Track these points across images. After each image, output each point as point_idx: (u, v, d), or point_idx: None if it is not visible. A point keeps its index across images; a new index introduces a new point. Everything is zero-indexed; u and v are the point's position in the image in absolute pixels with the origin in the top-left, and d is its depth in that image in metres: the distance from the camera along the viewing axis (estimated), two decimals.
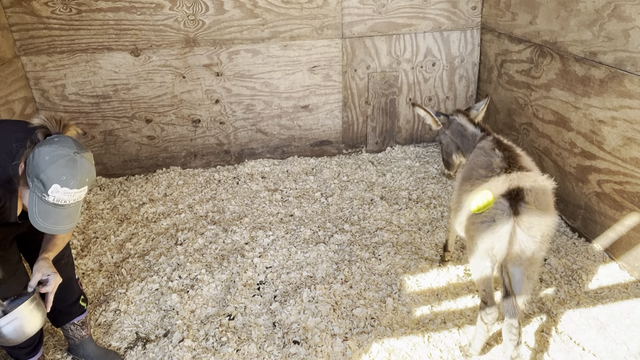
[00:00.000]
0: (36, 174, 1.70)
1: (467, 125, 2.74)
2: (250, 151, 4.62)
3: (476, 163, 2.35)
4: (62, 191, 1.72)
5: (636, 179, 2.81)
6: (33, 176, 1.71)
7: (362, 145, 4.79)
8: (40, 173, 1.69)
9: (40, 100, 4.08)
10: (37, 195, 1.72)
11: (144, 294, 2.96)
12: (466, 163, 2.57)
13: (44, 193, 1.71)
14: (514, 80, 4.01)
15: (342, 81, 4.46)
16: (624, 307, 2.69)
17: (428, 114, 2.89)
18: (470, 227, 2.15)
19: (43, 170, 1.69)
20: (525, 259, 2.01)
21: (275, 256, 3.24)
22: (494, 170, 2.17)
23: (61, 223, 1.77)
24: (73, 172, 1.73)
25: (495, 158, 2.24)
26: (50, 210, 1.74)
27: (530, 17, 3.68)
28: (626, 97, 2.81)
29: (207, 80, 4.25)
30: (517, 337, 2.08)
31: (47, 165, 1.69)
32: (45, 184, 1.70)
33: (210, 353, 2.52)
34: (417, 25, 4.35)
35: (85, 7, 3.83)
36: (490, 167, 2.21)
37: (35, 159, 1.71)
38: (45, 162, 1.70)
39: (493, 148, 2.33)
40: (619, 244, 3.02)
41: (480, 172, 2.23)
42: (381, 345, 2.52)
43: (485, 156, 2.32)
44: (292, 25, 4.18)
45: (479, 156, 2.38)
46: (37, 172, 1.70)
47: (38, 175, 1.70)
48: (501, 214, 1.98)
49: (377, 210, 3.74)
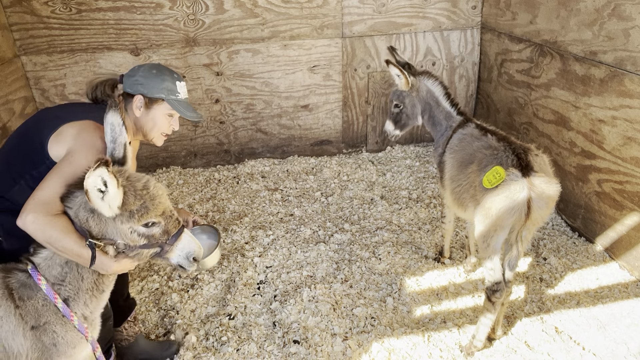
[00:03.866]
0: (162, 86, 2.13)
1: (442, 102, 2.78)
2: (250, 151, 4.62)
3: (472, 147, 2.45)
4: (181, 85, 2.22)
5: (636, 179, 2.81)
6: (160, 89, 2.13)
7: (362, 145, 4.79)
8: (163, 82, 2.13)
9: (40, 99, 4.08)
10: (174, 99, 2.17)
11: (144, 294, 2.96)
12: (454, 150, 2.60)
13: (177, 93, 2.18)
14: (514, 80, 4.01)
15: (342, 81, 4.46)
16: (624, 306, 2.69)
17: (403, 75, 2.80)
18: (486, 203, 2.22)
19: (163, 79, 2.13)
20: (536, 222, 2.19)
21: (276, 256, 3.24)
22: (497, 148, 2.30)
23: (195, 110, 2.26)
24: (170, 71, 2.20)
25: (491, 140, 2.38)
26: (187, 104, 2.23)
27: (531, 17, 3.68)
28: (626, 96, 2.81)
29: (207, 80, 4.25)
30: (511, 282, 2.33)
31: (161, 75, 2.14)
32: (172, 88, 2.16)
33: (210, 352, 2.52)
34: (417, 25, 4.35)
35: (85, 6, 3.82)
36: (492, 147, 2.33)
37: (148, 79, 2.11)
38: (155, 75, 2.13)
39: (484, 133, 2.47)
40: (619, 243, 3.02)
41: (485, 152, 2.34)
42: (381, 344, 2.52)
43: (479, 140, 2.45)
44: (292, 25, 4.18)
45: (472, 142, 2.48)
46: (159, 84, 2.12)
47: (163, 85, 2.13)
48: (516, 184, 2.10)
49: (377, 209, 3.74)
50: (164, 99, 2.14)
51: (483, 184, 2.20)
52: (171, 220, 1.76)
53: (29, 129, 1.98)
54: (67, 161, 1.76)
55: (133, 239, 1.69)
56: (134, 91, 2.13)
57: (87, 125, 1.90)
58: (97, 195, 1.56)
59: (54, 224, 1.62)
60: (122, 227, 1.66)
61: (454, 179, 2.53)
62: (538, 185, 2.09)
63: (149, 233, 1.70)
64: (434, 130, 2.88)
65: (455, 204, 2.55)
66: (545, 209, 2.16)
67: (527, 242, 2.29)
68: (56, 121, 1.91)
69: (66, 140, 1.84)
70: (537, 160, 2.21)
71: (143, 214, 1.67)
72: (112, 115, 1.72)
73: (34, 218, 1.61)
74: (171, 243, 1.77)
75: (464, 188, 2.43)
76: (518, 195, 2.09)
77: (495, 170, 2.17)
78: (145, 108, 2.15)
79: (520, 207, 2.10)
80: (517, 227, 2.16)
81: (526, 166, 2.14)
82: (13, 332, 1.60)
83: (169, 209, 1.76)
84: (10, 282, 1.64)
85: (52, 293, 1.65)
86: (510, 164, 2.16)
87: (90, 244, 1.64)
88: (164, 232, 1.74)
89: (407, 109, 2.91)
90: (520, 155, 2.19)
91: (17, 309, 1.61)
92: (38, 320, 1.64)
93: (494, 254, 2.26)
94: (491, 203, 2.18)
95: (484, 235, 2.27)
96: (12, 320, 1.59)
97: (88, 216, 1.66)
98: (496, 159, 2.23)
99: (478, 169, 2.30)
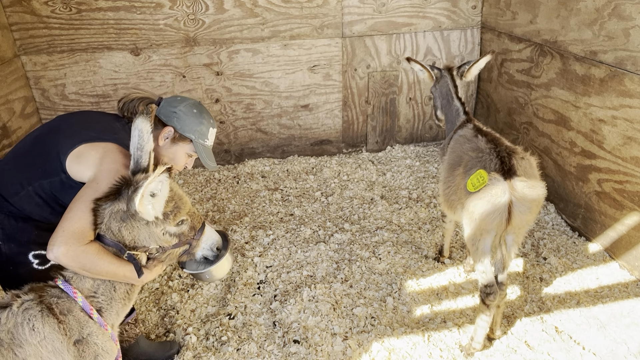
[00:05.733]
0: (196, 127, 2.09)
1: (453, 96, 2.79)
2: (250, 150, 4.62)
3: (462, 150, 2.45)
4: (213, 132, 2.19)
5: (636, 178, 2.80)
6: (193, 129, 2.09)
7: (362, 145, 4.79)
8: (199, 125, 2.10)
9: (40, 99, 4.08)
10: (201, 143, 2.14)
11: (144, 293, 2.96)
12: (449, 151, 2.62)
13: (205, 139, 2.14)
14: (514, 80, 4.01)
15: (342, 80, 4.46)
16: (624, 306, 2.69)
17: (424, 68, 2.90)
18: (469, 207, 2.22)
19: (200, 122, 2.10)
20: (520, 227, 2.18)
21: (276, 255, 3.24)
22: (483, 150, 2.28)
23: (215, 159, 2.25)
24: (209, 115, 2.19)
25: (480, 142, 2.36)
26: (210, 152, 2.20)
27: (531, 16, 3.68)
28: (626, 96, 2.81)
29: (207, 80, 4.25)
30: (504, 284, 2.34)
31: (200, 117, 2.11)
32: (204, 132, 2.13)
33: (210, 352, 2.52)
34: (417, 25, 4.35)
35: (85, 6, 3.82)
36: (478, 149, 2.32)
37: (186, 117, 2.07)
38: (196, 115, 2.10)
39: (475, 135, 2.46)
40: (619, 243, 3.02)
41: (471, 155, 2.34)
42: (381, 344, 2.52)
43: (469, 142, 2.44)
44: (292, 25, 4.18)
45: (463, 143, 2.48)
46: (195, 126, 2.09)
47: (198, 127, 2.10)
48: (497, 189, 2.08)
49: (377, 209, 3.74)
50: (193, 140, 2.12)
51: (467, 187, 2.19)
52: (195, 216, 1.83)
53: (46, 137, 1.92)
54: (93, 189, 1.71)
55: (166, 239, 1.73)
56: (167, 120, 2.08)
57: (112, 150, 1.83)
58: (149, 200, 1.58)
59: (88, 252, 1.60)
60: (155, 230, 1.69)
61: (444, 181, 2.55)
62: (520, 189, 2.06)
63: (179, 231, 1.76)
64: (447, 127, 2.89)
65: (446, 205, 2.56)
66: (528, 214, 2.12)
67: (516, 244, 2.27)
68: (77, 136, 1.85)
69: (89, 163, 1.79)
70: (522, 163, 2.18)
71: (176, 213, 1.72)
72: (142, 121, 1.66)
73: (66, 250, 1.58)
74: (197, 238, 1.84)
75: (452, 190, 2.44)
76: (499, 200, 2.07)
77: (478, 173, 2.16)
78: (171, 141, 2.11)
79: (501, 211, 2.08)
80: (499, 232, 2.15)
81: (509, 170, 2.11)
82: (59, 349, 1.52)
83: (192, 206, 1.82)
84: (46, 298, 1.57)
85: (88, 305, 1.63)
86: (493, 168, 2.14)
87: (129, 256, 1.65)
88: (191, 228, 1.80)
89: (435, 100, 2.98)
90: (503, 158, 2.16)
91: (61, 324, 1.55)
92: (81, 333, 1.59)
93: (484, 257, 2.25)
94: (474, 207, 2.17)
95: (472, 239, 2.27)
96: (57, 337, 1.52)
97: (120, 226, 1.65)
98: (480, 162, 2.22)
99: (464, 172, 2.30)
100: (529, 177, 2.14)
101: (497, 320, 2.48)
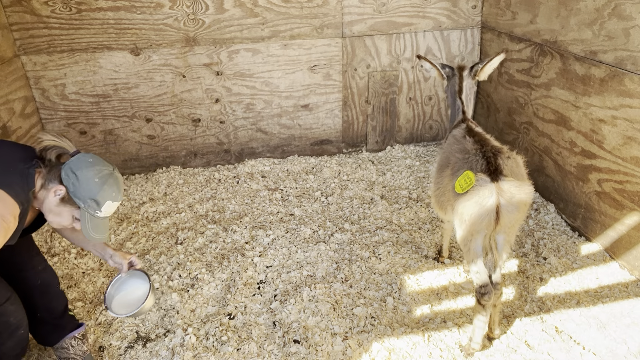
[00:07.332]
0: (90, 196, 1.95)
1: (456, 96, 2.78)
2: (250, 150, 4.62)
3: (451, 151, 2.46)
4: (113, 205, 2.03)
5: (636, 178, 2.80)
6: (86, 198, 1.95)
7: (362, 145, 4.79)
8: (96, 195, 1.95)
9: (40, 99, 4.08)
10: (90, 214, 1.99)
11: None
12: (440, 151, 2.64)
13: (97, 210, 1.98)
14: (514, 79, 4.01)
15: (342, 80, 4.46)
16: (624, 306, 2.69)
17: (434, 67, 2.86)
18: (458, 208, 2.22)
19: (97, 192, 1.95)
20: (509, 226, 2.17)
21: (276, 255, 3.24)
22: (469, 152, 2.28)
23: (106, 231, 2.06)
24: (119, 187, 2.04)
25: (467, 143, 2.37)
26: (100, 223, 2.02)
27: (531, 16, 3.68)
28: (626, 96, 2.81)
29: (207, 80, 4.25)
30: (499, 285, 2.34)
31: (99, 187, 1.96)
32: (100, 203, 1.97)
33: (210, 352, 2.52)
34: (417, 25, 4.35)
35: (85, 6, 3.82)
36: (465, 150, 2.32)
37: (84, 182, 1.94)
38: (96, 184, 1.95)
39: (464, 135, 2.46)
40: (619, 243, 3.02)
41: (457, 156, 2.34)
42: (381, 344, 2.52)
43: (458, 143, 2.45)
44: (292, 25, 4.18)
45: (453, 144, 2.50)
46: (91, 194, 1.95)
47: (93, 197, 1.95)
48: (485, 190, 2.08)
49: (377, 209, 3.74)
50: (81, 207, 1.98)
51: (455, 188, 2.19)
52: None
53: None
54: None
55: None
56: (64, 179, 1.96)
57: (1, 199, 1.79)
58: None
59: None
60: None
61: (435, 182, 2.56)
62: (507, 190, 2.06)
63: None
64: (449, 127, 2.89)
65: (437, 206, 2.57)
66: (517, 213, 2.12)
67: (508, 244, 2.26)
68: None
69: None
70: (509, 162, 2.17)
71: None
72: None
73: None
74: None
75: (442, 191, 2.44)
76: (487, 201, 2.07)
77: (466, 175, 2.16)
78: (61, 200, 1.99)
79: (489, 212, 2.08)
80: (488, 233, 2.15)
81: (495, 170, 2.10)
82: None
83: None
84: None
85: None
86: (479, 169, 2.14)
87: None
88: None
89: (447, 99, 2.98)
90: (489, 159, 2.16)
91: None
92: None
93: (477, 258, 2.25)
94: (463, 208, 2.18)
95: (464, 240, 2.27)
96: None
97: None
98: (467, 163, 2.22)
99: (451, 173, 2.31)
100: (516, 177, 2.14)
101: (495, 320, 2.48)
